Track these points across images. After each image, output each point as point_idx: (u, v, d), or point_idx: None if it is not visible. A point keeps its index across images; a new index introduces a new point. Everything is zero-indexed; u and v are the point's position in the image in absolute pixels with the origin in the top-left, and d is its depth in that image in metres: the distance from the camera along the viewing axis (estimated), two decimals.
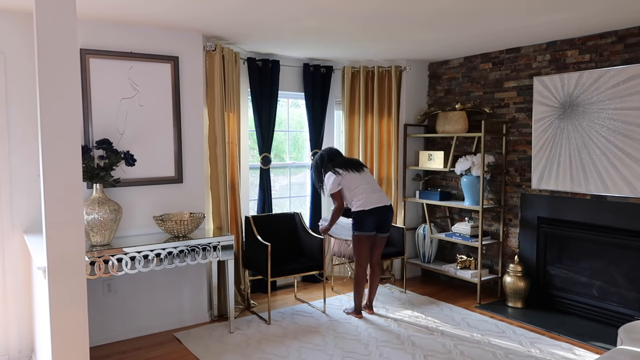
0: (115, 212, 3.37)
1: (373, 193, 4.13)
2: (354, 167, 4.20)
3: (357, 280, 4.25)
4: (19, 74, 3.37)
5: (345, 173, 4.14)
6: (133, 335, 3.87)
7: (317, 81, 5.04)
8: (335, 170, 4.15)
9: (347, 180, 4.13)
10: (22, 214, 3.43)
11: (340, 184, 4.13)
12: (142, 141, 3.80)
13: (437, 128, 5.03)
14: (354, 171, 4.17)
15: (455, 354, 3.54)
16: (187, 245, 3.61)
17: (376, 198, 4.11)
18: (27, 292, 3.50)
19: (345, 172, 4.14)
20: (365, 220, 4.08)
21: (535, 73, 4.42)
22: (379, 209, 4.09)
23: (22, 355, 3.52)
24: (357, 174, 4.17)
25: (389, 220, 4.20)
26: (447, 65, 5.25)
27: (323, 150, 4.42)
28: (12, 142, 3.38)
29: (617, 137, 3.87)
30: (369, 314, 4.31)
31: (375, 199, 4.10)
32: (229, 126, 4.32)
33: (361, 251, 4.17)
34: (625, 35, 3.83)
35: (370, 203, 4.07)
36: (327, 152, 4.37)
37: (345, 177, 4.13)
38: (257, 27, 3.77)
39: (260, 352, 3.57)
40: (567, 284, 4.34)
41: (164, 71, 3.87)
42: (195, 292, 4.15)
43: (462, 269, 4.82)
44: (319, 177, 4.34)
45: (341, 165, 4.20)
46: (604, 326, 4.00)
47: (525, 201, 4.53)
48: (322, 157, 4.34)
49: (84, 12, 3.34)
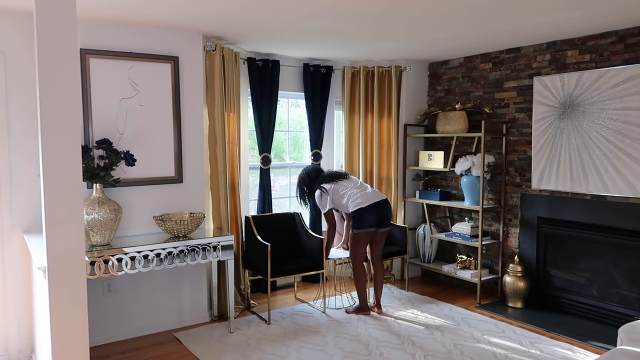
0: (115, 212, 3.37)
1: (366, 190, 4.20)
2: (339, 177, 4.29)
3: (357, 277, 4.28)
4: (19, 74, 3.38)
5: (332, 185, 4.22)
6: (133, 335, 3.87)
7: (317, 81, 5.05)
8: (322, 187, 4.22)
9: (337, 191, 4.21)
10: (22, 213, 3.43)
11: (332, 200, 4.21)
12: (142, 141, 3.80)
13: (437, 128, 5.03)
14: (340, 180, 4.25)
15: (455, 354, 3.54)
16: (187, 245, 3.61)
17: (371, 194, 4.17)
18: (27, 292, 3.50)
19: (332, 184, 4.23)
20: (365, 217, 4.11)
21: (535, 73, 4.42)
22: (376, 204, 4.14)
23: (22, 355, 3.52)
24: (343, 181, 4.25)
25: (388, 214, 4.24)
26: (447, 65, 5.25)
27: (304, 171, 4.45)
28: (12, 142, 3.38)
29: (617, 137, 3.87)
30: (378, 314, 4.32)
31: (370, 195, 4.16)
32: (229, 126, 4.32)
33: (359, 248, 4.22)
34: (625, 35, 3.84)
35: (367, 200, 4.12)
36: (309, 171, 4.42)
37: (333, 189, 4.21)
38: (258, 28, 3.77)
39: (260, 352, 3.57)
40: (567, 284, 4.34)
41: (164, 71, 3.87)
42: (195, 292, 4.15)
43: (462, 269, 4.82)
44: (303, 196, 4.41)
45: (326, 179, 4.27)
46: (604, 326, 4.00)
47: (525, 201, 4.53)
48: (306, 177, 4.39)
49: (84, 12, 3.34)
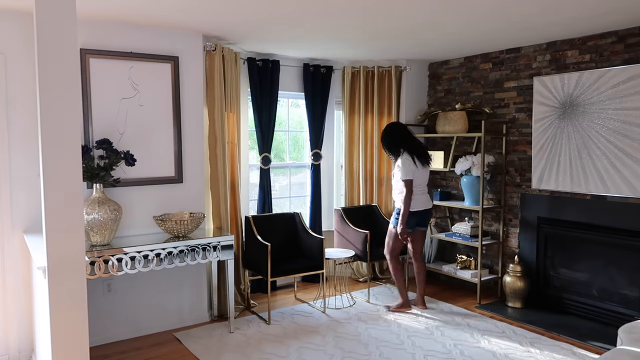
0: (115, 212, 3.37)
1: (423, 195, 4.29)
2: (425, 161, 4.29)
3: (395, 273, 4.40)
4: (19, 74, 3.37)
5: (416, 167, 4.20)
6: (133, 335, 3.87)
7: (317, 81, 5.04)
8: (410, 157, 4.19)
9: (415, 175, 4.21)
10: (22, 213, 3.43)
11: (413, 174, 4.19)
12: (142, 141, 3.80)
13: (437, 128, 5.03)
14: (422, 166, 4.25)
15: (455, 354, 3.54)
16: (187, 245, 3.61)
17: (425, 200, 4.30)
18: (27, 292, 3.50)
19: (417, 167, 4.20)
20: (411, 219, 4.22)
21: (535, 73, 4.42)
22: (423, 212, 4.28)
23: (22, 355, 3.52)
24: (422, 170, 4.26)
25: (428, 218, 4.39)
26: (447, 65, 5.25)
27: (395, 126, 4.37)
28: (12, 142, 3.38)
29: (617, 137, 3.87)
30: (422, 310, 4.40)
31: (423, 200, 4.29)
32: (229, 126, 4.32)
33: (395, 244, 4.36)
34: (625, 35, 3.83)
35: (418, 205, 4.24)
36: (403, 128, 4.35)
37: (415, 171, 4.20)
38: (258, 28, 3.77)
39: (260, 352, 3.57)
40: (567, 284, 4.34)
41: (164, 71, 3.87)
42: (195, 292, 4.15)
43: (462, 269, 4.82)
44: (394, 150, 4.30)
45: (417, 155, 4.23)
46: (604, 326, 4.00)
47: (525, 201, 4.53)
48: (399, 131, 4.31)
49: (84, 12, 3.34)
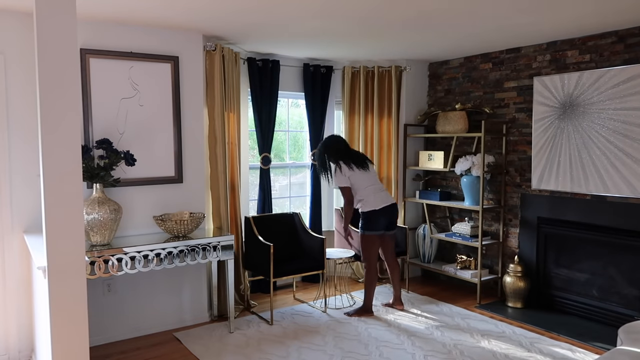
0: (115, 212, 3.37)
1: (381, 192, 4.21)
2: (362, 165, 4.21)
3: (370, 281, 4.28)
4: (19, 74, 3.37)
5: (354, 171, 4.15)
6: (133, 335, 3.87)
7: (317, 81, 5.04)
8: (343, 164, 4.14)
9: (355, 179, 4.16)
10: (22, 213, 3.43)
11: (349, 180, 4.14)
12: (142, 141, 3.80)
13: (437, 128, 5.03)
14: (361, 169, 4.19)
15: (455, 354, 3.54)
16: (187, 245, 3.61)
17: (384, 196, 4.20)
18: (27, 292, 3.50)
19: (354, 170, 4.15)
20: (378, 220, 4.15)
21: (535, 73, 4.42)
22: (388, 207, 4.18)
23: (22, 355, 3.52)
24: (363, 172, 4.19)
25: (396, 217, 4.29)
26: (447, 65, 5.25)
27: (329, 138, 4.36)
28: (12, 142, 3.38)
29: (617, 137, 3.87)
30: (400, 310, 4.38)
31: (383, 197, 4.19)
32: (229, 126, 4.32)
33: (373, 251, 4.22)
34: (625, 35, 3.83)
35: (380, 202, 4.15)
36: (333, 140, 4.31)
37: (353, 175, 4.15)
38: (259, 28, 3.77)
39: (260, 352, 3.57)
40: (567, 284, 4.34)
41: (164, 71, 3.87)
42: (195, 292, 4.15)
43: (462, 269, 4.82)
44: (323, 164, 4.31)
45: (350, 159, 4.18)
46: (604, 326, 4.00)
47: (525, 201, 4.53)
48: (328, 145, 4.28)
49: (84, 12, 3.34)
